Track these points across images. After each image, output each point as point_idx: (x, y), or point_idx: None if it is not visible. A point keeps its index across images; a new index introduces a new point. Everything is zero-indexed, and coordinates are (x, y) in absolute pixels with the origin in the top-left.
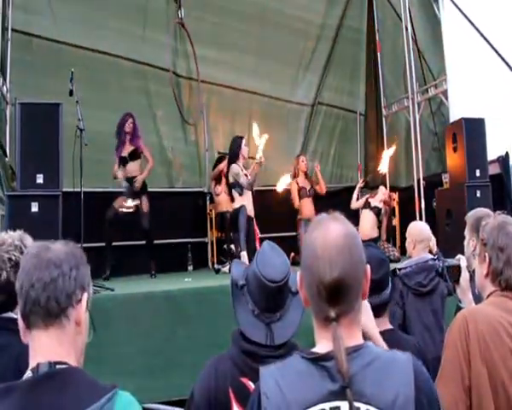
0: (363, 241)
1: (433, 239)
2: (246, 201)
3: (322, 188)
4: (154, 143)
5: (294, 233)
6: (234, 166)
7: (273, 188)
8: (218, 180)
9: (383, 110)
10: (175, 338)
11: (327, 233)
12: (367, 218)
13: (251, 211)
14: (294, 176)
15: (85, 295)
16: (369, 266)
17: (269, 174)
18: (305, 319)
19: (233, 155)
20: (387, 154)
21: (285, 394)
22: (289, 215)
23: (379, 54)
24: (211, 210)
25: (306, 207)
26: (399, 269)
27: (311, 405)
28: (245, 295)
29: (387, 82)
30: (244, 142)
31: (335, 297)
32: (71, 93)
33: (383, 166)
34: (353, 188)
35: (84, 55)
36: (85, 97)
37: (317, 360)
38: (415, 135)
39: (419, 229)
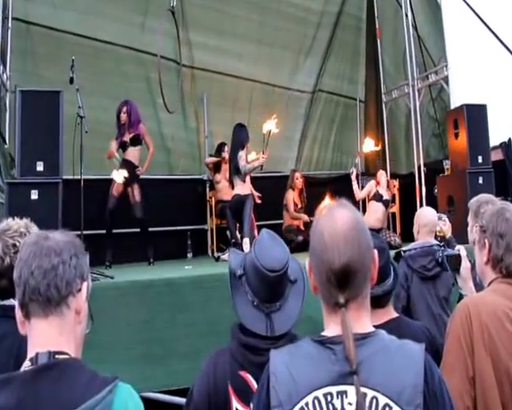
0: None
1: (448, 225)
2: (248, 189)
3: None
4: (153, 130)
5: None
6: (241, 151)
7: (271, 175)
8: (216, 168)
9: (383, 97)
10: (175, 326)
11: (335, 220)
12: (378, 210)
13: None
14: (291, 188)
15: (85, 285)
16: (376, 252)
17: (268, 161)
18: (305, 309)
19: (239, 143)
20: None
21: (293, 374)
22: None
23: (379, 40)
24: (211, 197)
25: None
26: (404, 251)
27: (319, 387)
28: (243, 286)
29: (387, 69)
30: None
31: (344, 283)
32: (71, 81)
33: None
34: None
35: (84, 44)
36: (85, 85)
37: (326, 343)
38: (415, 121)
39: (423, 214)
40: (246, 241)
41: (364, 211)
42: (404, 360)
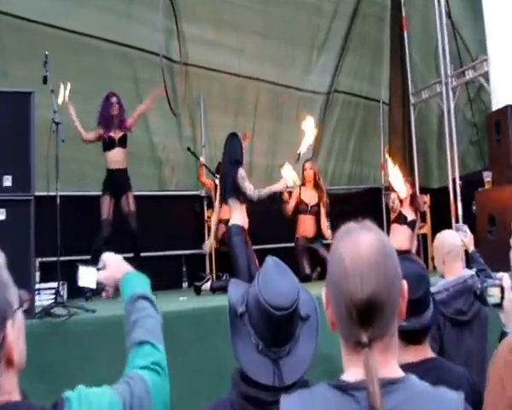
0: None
1: (470, 236)
2: (243, 213)
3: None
4: (142, 139)
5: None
6: (241, 169)
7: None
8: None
9: (411, 98)
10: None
11: (357, 244)
12: (403, 234)
13: (246, 223)
14: (303, 184)
15: (10, 322)
16: (405, 283)
17: (275, 175)
18: (320, 345)
19: (237, 158)
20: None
21: None
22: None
23: (406, 32)
24: (209, 217)
25: (304, 225)
26: (432, 294)
27: None
28: (246, 326)
29: (416, 65)
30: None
31: (368, 319)
32: (45, 80)
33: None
34: (375, 190)
35: (61, 37)
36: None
37: (347, 390)
38: (449, 126)
39: (441, 240)
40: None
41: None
42: None
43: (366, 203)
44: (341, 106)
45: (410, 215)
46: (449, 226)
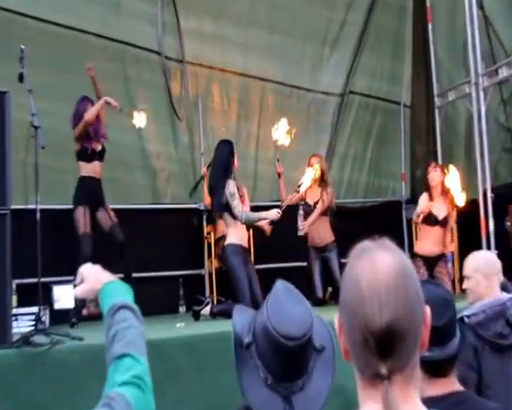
0: None
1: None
2: (242, 231)
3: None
4: (134, 147)
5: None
6: (230, 182)
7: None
8: None
9: (436, 100)
10: (161, 401)
11: (374, 266)
12: (433, 237)
13: (244, 239)
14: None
15: None
16: (428, 309)
17: (287, 186)
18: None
19: (225, 167)
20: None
21: None
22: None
23: (430, 25)
24: (209, 233)
25: (312, 231)
26: (468, 316)
27: None
28: (253, 358)
29: (442, 62)
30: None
31: (387, 348)
32: (21, 78)
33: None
34: (395, 203)
35: (41, 29)
36: (42, 85)
37: None
38: (479, 132)
39: (487, 259)
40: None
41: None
42: None
43: (384, 218)
44: (357, 109)
45: (442, 211)
46: (478, 245)
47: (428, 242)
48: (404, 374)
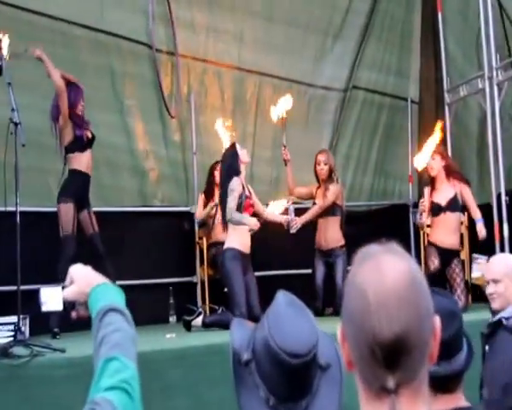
0: None
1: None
2: (245, 234)
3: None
4: (121, 145)
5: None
6: (235, 179)
7: (286, 206)
8: (209, 196)
9: (446, 96)
10: None
11: (382, 273)
12: (446, 227)
13: (246, 245)
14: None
15: None
16: (438, 320)
17: (280, 189)
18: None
19: (233, 169)
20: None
21: None
22: (304, 244)
23: (440, 14)
24: (201, 238)
25: (318, 233)
26: (507, 318)
27: None
28: (253, 376)
29: (453, 55)
30: (238, 146)
31: (395, 361)
32: (0, 71)
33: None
34: (401, 207)
35: (20, 19)
36: (22, 79)
37: None
38: (493, 130)
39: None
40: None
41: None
42: None
43: (390, 223)
44: (361, 105)
45: (445, 196)
46: (491, 251)
47: (440, 231)
48: (411, 387)
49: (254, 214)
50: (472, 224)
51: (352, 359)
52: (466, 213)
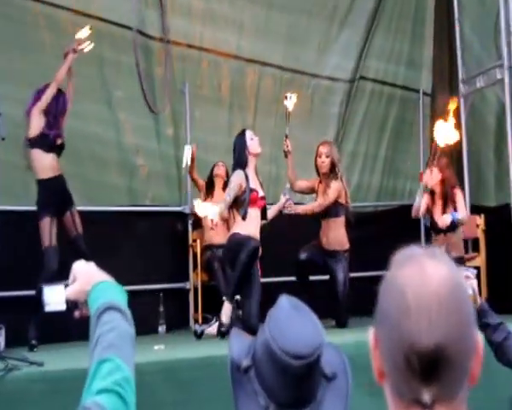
0: None
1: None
2: (253, 227)
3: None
4: (108, 140)
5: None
6: (238, 172)
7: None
8: (208, 193)
9: (461, 87)
10: None
11: (424, 276)
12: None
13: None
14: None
15: None
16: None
17: (280, 187)
18: None
19: (238, 161)
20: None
21: None
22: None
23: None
24: (195, 240)
25: (320, 235)
26: None
27: None
28: (252, 383)
29: (469, 43)
30: (250, 134)
31: (433, 373)
32: None
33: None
34: (412, 208)
35: (3, 1)
36: (2, 67)
37: None
38: None
39: None
40: (225, 306)
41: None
42: None
43: (400, 225)
44: (369, 97)
45: (443, 221)
46: (510, 256)
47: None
48: (449, 406)
49: (264, 210)
50: (489, 228)
51: (383, 368)
52: (483, 216)
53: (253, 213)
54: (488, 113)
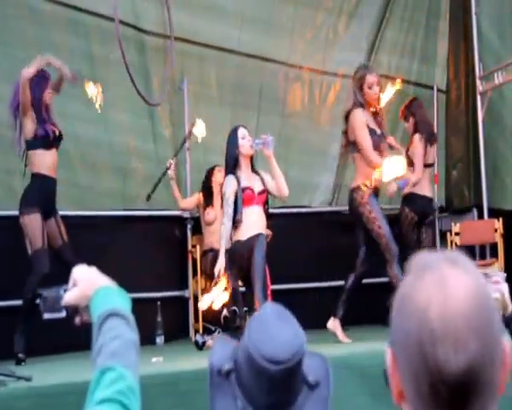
0: None
1: (506, 289)
2: (255, 227)
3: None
4: (100, 140)
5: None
6: (228, 179)
7: (293, 211)
8: (207, 200)
9: (478, 83)
10: None
11: (447, 293)
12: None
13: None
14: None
15: None
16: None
17: (288, 184)
18: None
19: (228, 161)
20: None
21: None
22: (319, 253)
23: None
24: (194, 246)
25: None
26: None
27: None
28: (232, 387)
29: (487, 38)
30: (242, 132)
31: (463, 399)
32: None
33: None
34: None
35: None
36: None
37: None
38: None
39: None
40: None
41: None
42: None
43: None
44: None
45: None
46: None
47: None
48: None
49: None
50: (508, 232)
51: (404, 392)
52: (501, 220)
53: (253, 210)
54: (506, 110)
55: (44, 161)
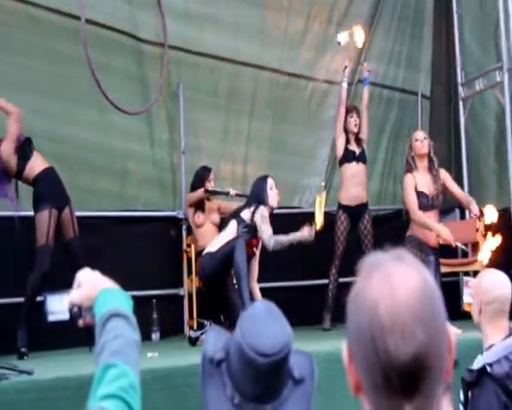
0: None
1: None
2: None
3: None
4: (98, 143)
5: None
6: (263, 208)
7: (283, 212)
8: (198, 205)
9: (460, 89)
10: None
11: (393, 286)
12: None
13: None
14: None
15: None
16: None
17: (281, 192)
18: None
19: (253, 201)
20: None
21: None
22: (316, 253)
23: (454, 0)
24: (189, 245)
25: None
26: (490, 364)
27: None
28: (222, 375)
29: (468, 45)
30: (270, 183)
31: (414, 386)
32: None
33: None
34: None
35: None
36: None
37: None
38: None
39: (486, 281)
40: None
41: None
42: None
43: (400, 230)
44: (368, 101)
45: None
46: (511, 262)
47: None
48: (428, 409)
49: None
50: (491, 229)
51: (360, 384)
52: (482, 220)
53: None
54: (488, 116)
55: (36, 164)
